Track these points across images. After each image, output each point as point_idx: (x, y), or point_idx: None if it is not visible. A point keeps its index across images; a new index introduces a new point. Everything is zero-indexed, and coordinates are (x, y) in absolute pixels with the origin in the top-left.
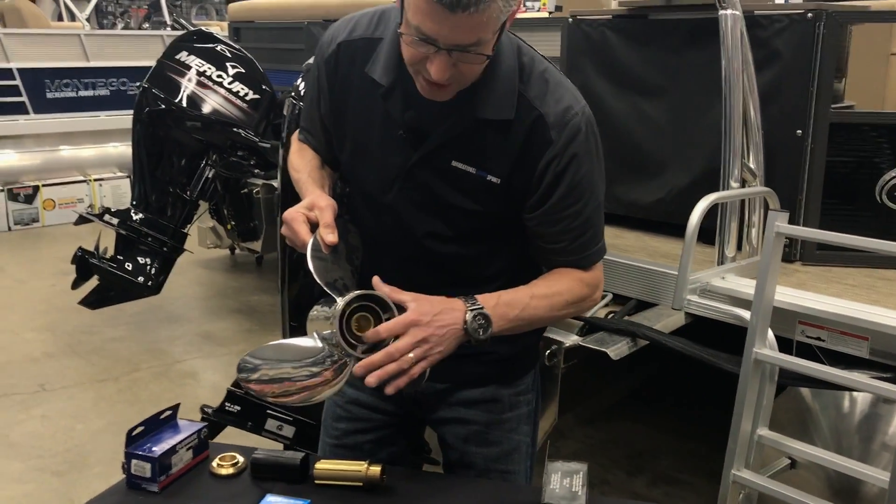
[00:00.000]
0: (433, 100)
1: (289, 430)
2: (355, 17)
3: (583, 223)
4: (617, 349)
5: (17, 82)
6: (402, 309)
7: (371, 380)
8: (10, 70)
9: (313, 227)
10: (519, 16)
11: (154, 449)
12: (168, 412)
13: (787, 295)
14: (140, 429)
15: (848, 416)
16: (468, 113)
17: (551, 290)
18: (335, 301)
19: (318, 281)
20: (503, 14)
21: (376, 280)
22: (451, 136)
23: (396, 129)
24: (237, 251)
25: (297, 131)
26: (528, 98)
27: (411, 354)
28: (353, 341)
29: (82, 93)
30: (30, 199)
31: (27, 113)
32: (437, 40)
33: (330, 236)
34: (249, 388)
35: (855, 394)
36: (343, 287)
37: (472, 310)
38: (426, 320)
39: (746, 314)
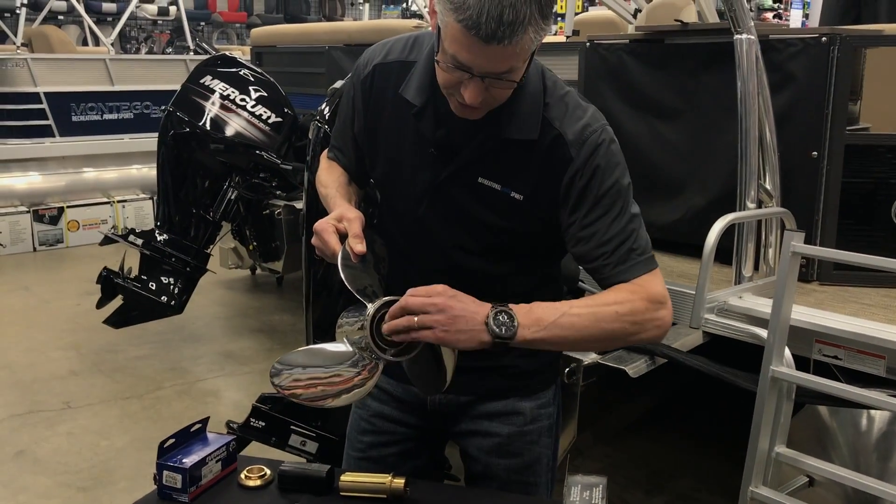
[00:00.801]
0: (465, 118)
1: (311, 446)
2: (390, 41)
3: (618, 233)
4: (635, 367)
5: (44, 106)
6: None
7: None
8: (37, 94)
9: (342, 237)
10: None
11: (185, 461)
12: (198, 425)
13: (804, 314)
14: (171, 441)
15: (866, 434)
16: (495, 133)
17: (596, 301)
18: (364, 308)
19: (350, 287)
20: (534, 44)
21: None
22: (479, 154)
23: (427, 146)
24: (258, 271)
25: (327, 150)
26: (548, 119)
27: (416, 319)
28: (383, 345)
29: (107, 116)
30: (54, 220)
31: (53, 136)
32: (472, 68)
33: (359, 246)
34: (281, 391)
35: (872, 412)
36: (373, 293)
37: (495, 307)
38: (450, 293)
39: (764, 333)
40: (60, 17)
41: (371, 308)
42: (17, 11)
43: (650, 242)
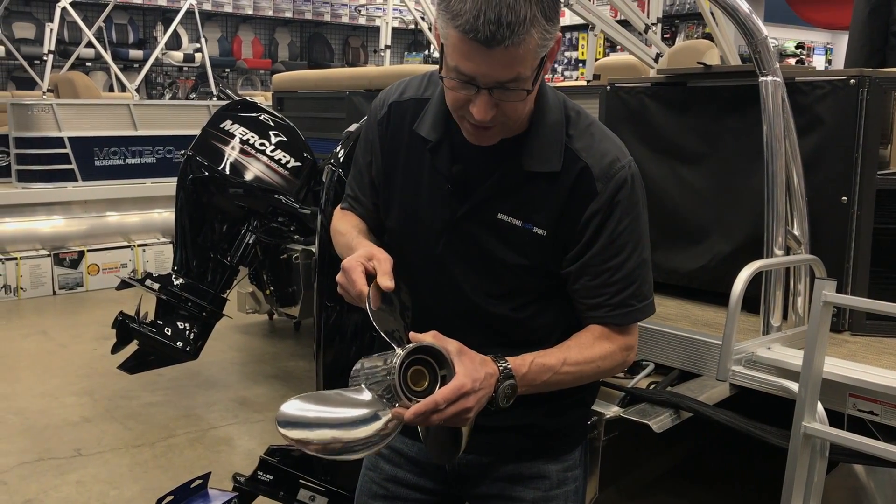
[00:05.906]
0: (480, 144)
1: (321, 501)
2: (406, 80)
3: (624, 277)
4: (660, 421)
5: (68, 150)
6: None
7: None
8: (61, 139)
9: (369, 278)
10: (557, 84)
11: None
12: (198, 481)
13: (837, 366)
14: (170, 498)
15: None
16: (515, 166)
17: (583, 356)
18: (388, 353)
19: (379, 329)
20: (541, 48)
21: (413, 335)
22: (498, 189)
23: (444, 183)
24: (276, 316)
25: (340, 203)
26: (573, 150)
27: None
28: (409, 394)
29: (129, 160)
30: (75, 263)
31: (76, 180)
32: (476, 79)
33: (388, 282)
34: (291, 441)
35: None
36: (399, 339)
37: (504, 378)
38: (476, 388)
39: (794, 386)
40: (88, 64)
41: (401, 355)
42: (45, 58)
43: (652, 287)
